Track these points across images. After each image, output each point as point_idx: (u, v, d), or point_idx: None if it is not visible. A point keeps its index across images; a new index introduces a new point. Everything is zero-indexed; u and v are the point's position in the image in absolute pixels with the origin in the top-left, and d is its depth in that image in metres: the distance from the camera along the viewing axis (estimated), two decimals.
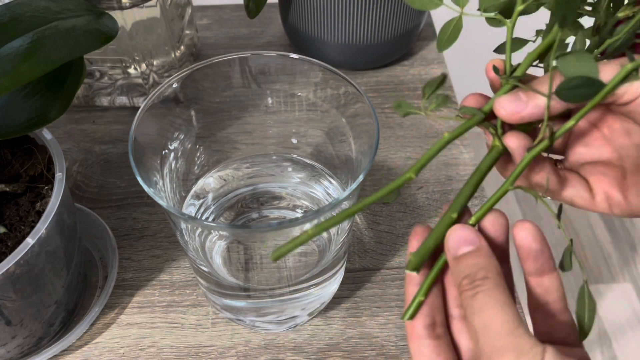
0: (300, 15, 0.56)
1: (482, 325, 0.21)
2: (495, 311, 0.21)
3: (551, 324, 0.24)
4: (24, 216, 0.35)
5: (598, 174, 0.27)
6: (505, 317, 0.21)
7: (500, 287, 0.22)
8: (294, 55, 0.36)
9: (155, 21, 0.50)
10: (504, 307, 0.21)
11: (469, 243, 0.23)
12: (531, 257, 0.24)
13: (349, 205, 0.34)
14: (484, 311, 0.21)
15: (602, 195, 0.26)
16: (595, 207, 0.27)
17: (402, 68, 0.60)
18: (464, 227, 0.24)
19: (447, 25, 0.27)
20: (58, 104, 0.35)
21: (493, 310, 0.21)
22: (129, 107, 0.56)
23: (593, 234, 1.27)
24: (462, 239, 0.24)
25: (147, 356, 0.39)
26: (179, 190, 0.38)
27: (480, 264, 0.23)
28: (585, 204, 0.27)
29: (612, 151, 0.27)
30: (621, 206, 0.26)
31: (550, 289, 0.24)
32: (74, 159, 0.51)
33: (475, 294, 0.22)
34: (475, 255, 0.23)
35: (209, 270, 0.36)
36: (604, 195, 0.26)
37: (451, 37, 0.27)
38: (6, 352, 0.36)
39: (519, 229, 0.24)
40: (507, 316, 0.21)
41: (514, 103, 0.25)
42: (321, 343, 0.39)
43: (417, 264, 0.25)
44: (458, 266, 0.23)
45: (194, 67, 0.35)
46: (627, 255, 1.23)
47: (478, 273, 0.22)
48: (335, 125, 0.38)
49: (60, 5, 0.35)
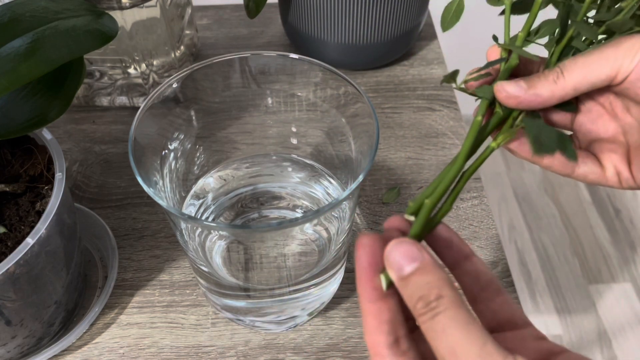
0: (300, 15, 0.56)
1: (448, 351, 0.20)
2: (459, 333, 0.20)
3: (493, 308, 0.24)
4: (24, 216, 0.35)
5: (607, 150, 0.28)
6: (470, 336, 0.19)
7: (457, 304, 0.20)
8: (294, 55, 0.36)
9: (155, 21, 0.50)
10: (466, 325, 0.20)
11: (412, 259, 0.22)
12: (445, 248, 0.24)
13: (349, 205, 0.34)
14: (447, 335, 0.20)
15: (612, 170, 0.28)
16: (607, 181, 0.28)
17: (402, 68, 0.60)
18: (403, 242, 0.22)
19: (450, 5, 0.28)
20: (58, 104, 0.35)
21: (457, 333, 0.20)
22: (129, 107, 0.56)
23: (593, 234, 1.27)
24: (404, 256, 0.22)
25: (147, 356, 0.39)
26: (179, 190, 0.38)
27: (431, 281, 0.21)
28: (597, 179, 0.28)
29: (617, 127, 0.28)
30: (629, 181, 0.27)
31: (479, 274, 0.24)
32: (74, 159, 0.51)
33: (433, 316, 0.20)
34: (422, 272, 0.21)
35: (209, 270, 0.36)
36: (614, 170, 0.28)
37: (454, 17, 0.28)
38: (6, 352, 0.36)
39: None
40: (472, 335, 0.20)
41: (514, 87, 0.26)
42: (321, 343, 0.39)
43: (415, 209, 0.25)
44: (407, 288, 0.21)
45: (193, 67, 0.35)
46: (627, 255, 1.23)
47: (431, 293, 0.21)
48: (335, 125, 0.38)
49: (60, 5, 0.35)
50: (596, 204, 1.33)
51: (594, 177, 0.28)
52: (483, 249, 0.45)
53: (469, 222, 0.46)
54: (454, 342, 0.20)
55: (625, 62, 0.25)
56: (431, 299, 0.20)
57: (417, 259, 0.22)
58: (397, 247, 0.22)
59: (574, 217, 1.30)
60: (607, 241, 1.26)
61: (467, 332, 0.20)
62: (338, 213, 0.37)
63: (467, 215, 0.47)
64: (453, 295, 0.21)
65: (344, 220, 0.36)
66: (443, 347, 0.20)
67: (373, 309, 0.22)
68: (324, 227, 0.39)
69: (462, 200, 0.48)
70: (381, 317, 0.22)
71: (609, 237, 1.26)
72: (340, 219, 0.37)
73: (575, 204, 1.32)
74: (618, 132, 0.28)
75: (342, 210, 0.35)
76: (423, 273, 0.21)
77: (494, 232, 0.46)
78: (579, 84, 0.26)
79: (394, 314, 0.22)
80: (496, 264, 0.44)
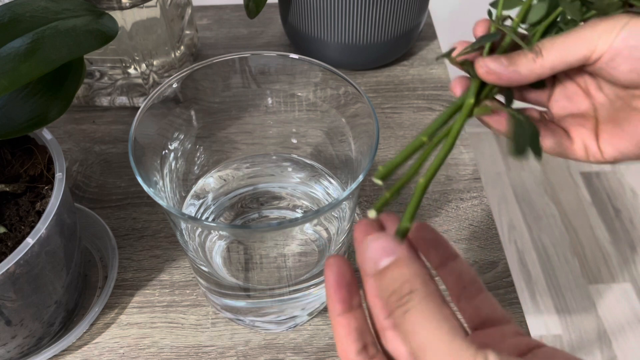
0: (300, 15, 0.56)
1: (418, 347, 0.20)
2: (428, 329, 0.20)
3: (475, 304, 0.24)
4: (24, 216, 0.35)
5: (577, 125, 0.30)
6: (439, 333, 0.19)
7: (429, 298, 0.20)
8: (294, 55, 0.36)
9: (155, 21, 0.50)
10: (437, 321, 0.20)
11: (388, 253, 0.22)
12: (431, 248, 0.25)
13: (349, 205, 0.34)
14: (417, 331, 0.20)
15: (580, 144, 0.29)
16: (574, 154, 0.30)
17: (402, 68, 0.60)
18: (380, 236, 0.22)
19: None
20: (58, 104, 0.35)
21: (426, 329, 0.20)
22: (129, 107, 0.56)
23: (593, 234, 1.27)
24: (381, 250, 0.22)
25: (147, 356, 0.39)
26: (179, 190, 0.38)
27: (405, 274, 0.21)
28: (564, 151, 0.30)
29: (589, 104, 0.30)
30: (596, 155, 0.29)
31: (462, 273, 0.25)
32: (74, 159, 0.51)
33: (404, 312, 0.20)
34: (397, 265, 0.21)
35: (209, 270, 0.36)
36: (582, 144, 0.29)
37: None
38: (6, 352, 0.36)
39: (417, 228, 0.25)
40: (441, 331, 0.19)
41: (494, 64, 0.27)
42: (321, 343, 0.39)
43: (384, 174, 0.26)
44: (382, 282, 0.21)
45: (193, 67, 0.35)
46: (627, 255, 1.23)
47: (403, 287, 0.21)
48: (335, 125, 0.38)
49: (60, 5, 0.35)
50: (596, 204, 1.33)
51: (561, 150, 0.30)
52: (483, 249, 0.45)
53: (469, 222, 0.46)
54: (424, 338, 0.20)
55: (600, 43, 0.26)
56: (403, 292, 0.21)
57: (394, 252, 0.22)
58: (373, 241, 0.22)
59: (574, 217, 1.30)
60: (607, 241, 1.26)
61: (436, 329, 0.20)
62: (338, 213, 0.37)
63: (467, 215, 0.47)
64: (425, 289, 0.21)
65: (344, 220, 0.36)
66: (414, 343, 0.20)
67: (341, 320, 0.24)
68: (324, 227, 0.39)
69: (462, 200, 0.48)
70: (349, 327, 0.23)
71: (609, 237, 1.26)
72: (340, 219, 0.37)
73: (575, 204, 1.32)
74: (590, 108, 0.30)
75: (342, 210, 0.35)
76: (398, 266, 0.21)
77: (494, 232, 0.46)
78: (556, 63, 0.27)
79: (361, 323, 0.24)
80: (496, 264, 0.44)
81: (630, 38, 0.26)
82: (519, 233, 1.27)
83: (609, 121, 0.29)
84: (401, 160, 0.26)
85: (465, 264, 0.25)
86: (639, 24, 0.26)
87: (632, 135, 0.28)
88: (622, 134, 0.28)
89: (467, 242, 0.45)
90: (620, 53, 0.26)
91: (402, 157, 0.26)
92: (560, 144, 0.30)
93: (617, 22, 0.26)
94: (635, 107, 0.28)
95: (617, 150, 0.28)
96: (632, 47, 0.26)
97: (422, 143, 0.26)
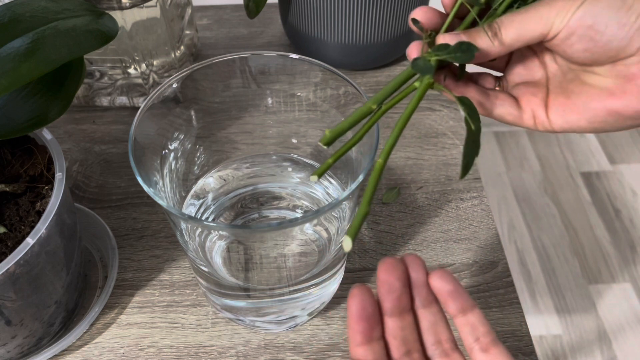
0: (300, 15, 0.56)
1: None
2: None
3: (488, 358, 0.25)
4: (24, 216, 0.35)
5: (528, 94, 0.30)
6: None
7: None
8: (294, 55, 0.36)
9: (155, 21, 0.50)
10: None
11: None
12: (449, 298, 0.25)
13: (349, 205, 0.34)
14: None
15: (529, 113, 0.30)
16: (522, 122, 0.30)
17: (402, 68, 0.60)
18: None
19: None
20: (58, 104, 0.35)
21: None
22: (129, 107, 0.56)
23: (593, 234, 1.27)
24: None
25: (147, 356, 0.39)
26: (179, 190, 0.38)
27: None
28: (514, 120, 0.30)
29: (543, 74, 0.31)
30: (544, 124, 0.29)
31: (476, 324, 0.25)
32: (74, 159, 0.51)
33: None
34: None
35: (209, 270, 0.36)
36: (531, 113, 0.30)
37: None
38: (6, 352, 0.36)
39: (432, 277, 0.25)
40: None
41: (454, 40, 0.28)
42: (321, 343, 0.39)
43: (330, 139, 0.26)
44: None
45: (193, 67, 0.35)
46: (627, 255, 1.23)
47: None
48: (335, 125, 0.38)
49: (60, 5, 0.35)
50: (596, 204, 1.33)
51: (511, 118, 0.30)
52: (483, 249, 0.45)
53: (469, 222, 0.46)
54: None
55: (557, 21, 0.26)
56: None
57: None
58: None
59: (574, 217, 1.30)
60: (607, 241, 1.26)
61: None
62: (338, 213, 0.37)
63: (467, 215, 0.47)
64: None
65: (344, 221, 0.36)
66: None
67: (359, 351, 0.25)
68: (324, 227, 0.39)
69: (462, 200, 0.48)
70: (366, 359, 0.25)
71: (609, 237, 1.26)
72: (340, 219, 0.37)
73: (575, 204, 1.32)
74: (543, 77, 0.30)
75: (342, 210, 0.35)
76: None
77: (494, 232, 0.46)
78: (514, 41, 0.28)
79: (379, 356, 0.25)
80: (496, 264, 0.44)
81: (586, 17, 0.26)
82: (519, 233, 1.27)
83: (560, 92, 0.29)
84: (348, 126, 0.26)
85: (482, 316, 0.26)
86: (595, 4, 0.26)
87: (581, 109, 0.28)
88: (572, 106, 0.28)
89: (467, 242, 0.45)
90: (575, 32, 0.26)
91: (349, 123, 0.26)
92: (510, 113, 0.30)
93: (575, 1, 0.26)
94: (585, 81, 0.28)
95: (565, 121, 0.29)
96: (587, 26, 0.26)
97: (370, 110, 0.27)
